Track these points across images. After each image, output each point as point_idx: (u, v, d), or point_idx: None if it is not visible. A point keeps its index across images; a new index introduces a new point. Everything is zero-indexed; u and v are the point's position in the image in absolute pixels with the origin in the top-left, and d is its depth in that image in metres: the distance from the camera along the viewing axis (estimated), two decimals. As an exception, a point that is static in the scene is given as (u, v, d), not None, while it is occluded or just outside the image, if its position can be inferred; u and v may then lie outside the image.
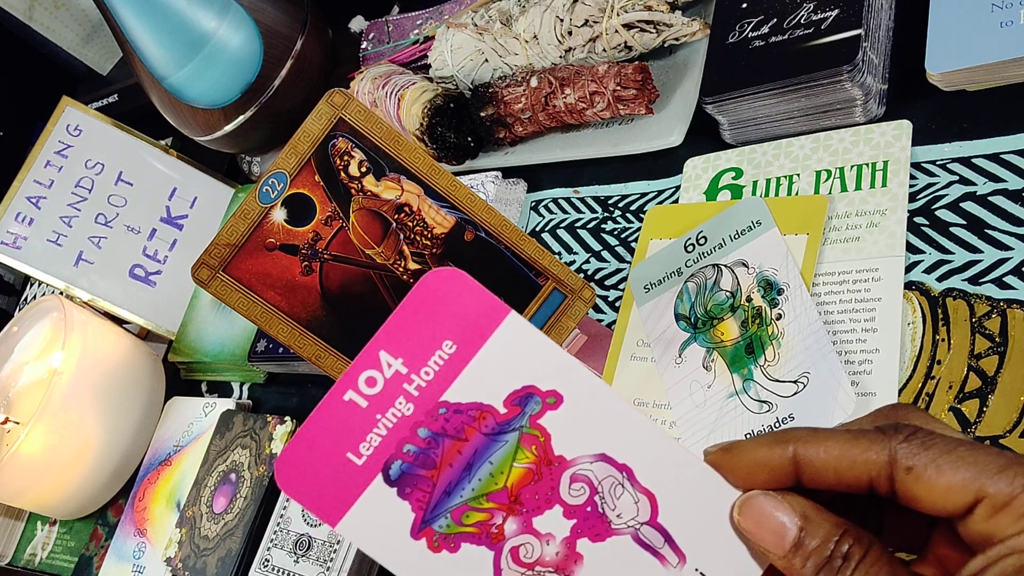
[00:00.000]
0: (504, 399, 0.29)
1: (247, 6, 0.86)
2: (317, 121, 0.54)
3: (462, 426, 0.28)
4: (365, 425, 0.28)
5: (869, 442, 0.26)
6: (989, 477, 0.25)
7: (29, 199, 0.93)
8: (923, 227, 0.52)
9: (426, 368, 0.29)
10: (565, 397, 0.29)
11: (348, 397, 0.28)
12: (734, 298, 0.56)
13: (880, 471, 0.26)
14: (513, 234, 0.58)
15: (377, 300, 0.56)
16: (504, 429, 0.29)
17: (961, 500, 0.25)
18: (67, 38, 1.27)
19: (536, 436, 0.29)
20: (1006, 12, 0.51)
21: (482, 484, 0.29)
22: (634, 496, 0.29)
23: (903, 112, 0.56)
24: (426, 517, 0.28)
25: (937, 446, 0.26)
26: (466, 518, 0.29)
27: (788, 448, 0.27)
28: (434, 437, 0.28)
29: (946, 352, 0.48)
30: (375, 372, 0.28)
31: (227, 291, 0.54)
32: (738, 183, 0.61)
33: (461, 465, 0.29)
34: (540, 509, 0.29)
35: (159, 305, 0.95)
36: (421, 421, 0.28)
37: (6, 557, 0.97)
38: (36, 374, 0.87)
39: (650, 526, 0.29)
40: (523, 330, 0.29)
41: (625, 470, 0.29)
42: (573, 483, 0.29)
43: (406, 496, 0.28)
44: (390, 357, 0.28)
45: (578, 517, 0.29)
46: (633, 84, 0.65)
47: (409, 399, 0.28)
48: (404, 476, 0.28)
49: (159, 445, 0.88)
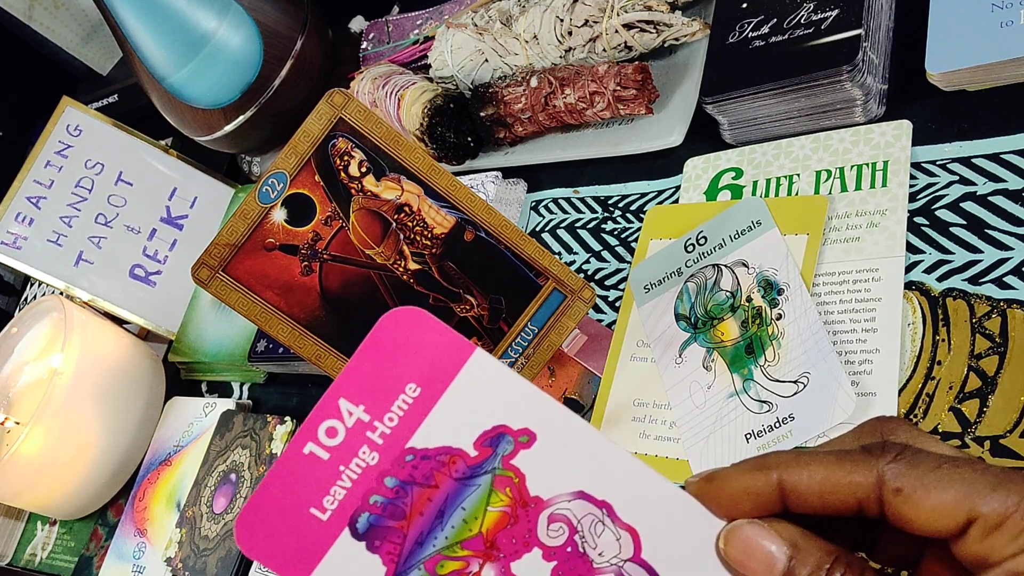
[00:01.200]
0: (474, 441, 0.27)
1: (247, 6, 0.86)
2: (317, 121, 0.54)
3: (431, 472, 0.27)
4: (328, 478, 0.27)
5: (855, 464, 0.26)
6: (982, 496, 0.24)
7: (29, 199, 0.93)
8: (923, 227, 0.52)
9: (389, 414, 0.27)
10: (538, 434, 0.28)
11: (308, 450, 0.27)
12: (734, 298, 0.56)
13: (868, 493, 0.25)
14: (513, 234, 0.58)
15: (377, 300, 0.56)
16: (476, 472, 0.27)
17: (954, 521, 0.24)
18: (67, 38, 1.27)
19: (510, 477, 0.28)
20: (1006, 12, 0.51)
21: (456, 531, 0.27)
22: (615, 533, 0.28)
23: (903, 112, 0.56)
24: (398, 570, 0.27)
25: (926, 464, 0.25)
26: (441, 568, 0.27)
27: (772, 474, 0.26)
28: (402, 486, 0.27)
29: (946, 352, 0.48)
30: (335, 422, 0.27)
31: (227, 291, 0.54)
32: (738, 183, 0.61)
33: (432, 513, 0.27)
34: (518, 553, 0.28)
35: (159, 305, 0.95)
36: (387, 470, 0.27)
37: (6, 557, 0.97)
38: (36, 374, 0.87)
39: (634, 563, 0.28)
40: (490, 367, 0.27)
41: (605, 506, 0.28)
42: (551, 524, 0.28)
43: (375, 549, 0.27)
44: (351, 405, 0.27)
45: (559, 559, 0.28)
46: (633, 84, 0.65)
47: (373, 447, 0.27)
48: (372, 529, 0.27)
49: (159, 445, 0.88)
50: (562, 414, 0.28)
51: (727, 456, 0.52)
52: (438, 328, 0.27)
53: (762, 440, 0.51)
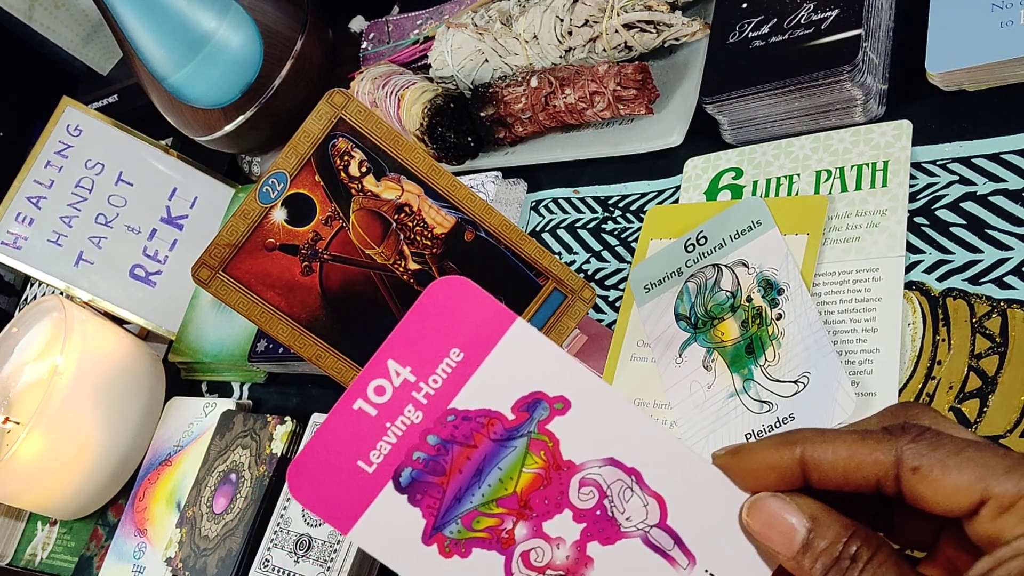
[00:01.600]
0: (512, 405, 0.29)
1: (247, 6, 0.86)
2: (317, 121, 0.54)
3: (471, 433, 0.29)
4: (375, 433, 0.29)
5: (876, 442, 0.26)
6: (995, 478, 0.25)
7: (29, 199, 0.93)
8: (923, 227, 0.52)
9: (434, 376, 0.29)
10: (573, 402, 0.29)
11: (358, 406, 0.29)
12: (734, 298, 0.56)
13: (887, 471, 0.26)
14: (513, 234, 0.58)
15: (377, 300, 0.56)
16: (513, 435, 0.29)
17: (967, 501, 0.25)
18: (67, 38, 1.27)
19: (545, 441, 0.29)
20: (1006, 12, 0.51)
21: (492, 490, 0.29)
22: (643, 499, 0.29)
23: (903, 112, 0.56)
24: (437, 523, 0.29)
25: (945, 447, 0.26)
26: (476, 523, 0.29)
27: (796, 449, 0.27)
28: (443, 444, 0.29)
29: (946, 352, 0.48)
30: (384, 381, 0.29)
31: (227, 291, 0.54)
32: (738, 183, 0.61)
33: (471, 471, 0.29)
34: (550, 513, 0.29)
35: (159, 305, 0.95)
36: (430, 428, 0.29)
37: (6, 557, 0.97)
38: (36, 374, 0.87)
39: (659, 528, 0.29)
40: (529, 336, 0.29)
41: (634, 473, 0.29)
42: (582, 487, 0.29)
43: (417, 503, 0.29)
44: (398, 366, 0.29)
45: (588, 521, 0.29)
46: (633, 84, 0.65)
47: (418, 407, 0.29)
48: (414, 483, 0.29)
49: (159, 445, 0.88)
50: (597, 384, 0.29)
51: (727, 456, 0.52)
52: (483, 297, 0.29)
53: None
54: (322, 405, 0.78)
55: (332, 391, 0.78)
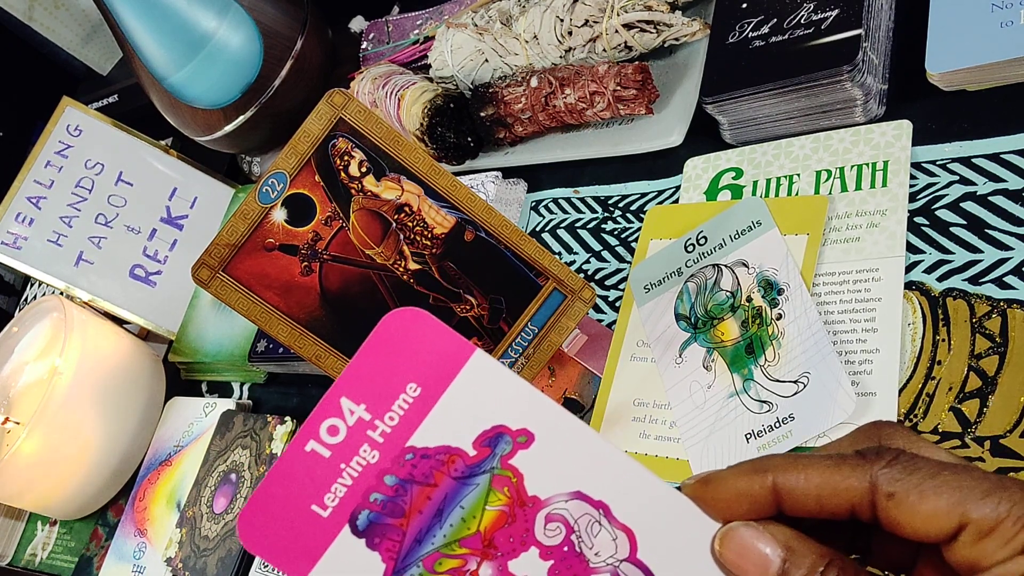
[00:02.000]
0: (473, 441, 0.28)
1: (247, 6, 0.86)
2: (317, 121, 0.54)
3: (430, 471, 0.28)
4: (329, 475, 0.27)
5: (850, 469, 0.26)
6: (973, 502, 0.24)
7: (29, 199, 0.93)
8: (923, 227, 0.52)
9: (390, 413, 0.28)
10: (536, 435, 0.28)
11: (310, 447, 0.27)
12: (734, 298, 0.56)
13: (862, 498, 0.25)
14: (513, 234, 0.58)
15: (377, 300, 0.56)
16: (475, 472, 0.28)
17: (945, 526, 0.24)
18: (67, 38, 1.27)
19: (508, 477, 0.28)
20: (1006, 12, 0.51)
21: (454, 530, 0.28)
22: (612, 533, 0.28)
23: (903, 112, 0.56)
24: (397, 567, 0.28)
25: (920, 471, 0.25)
26: (439, 565, 0.28)
27: (767, 477, 0.26)
28: (402, 484, 0.28)
29: (946, 352, 0.48)
30: (337, 420, 0.27)
31: (227, 291, 0.54)
32: (738, 183, 0.61)
33: (431, 511, 0.28)
34: (515, 552, 0.28)
35: (159, 305, 0.95)
36: (387, 468, 0.27)
37: (6, 557, 0.97)
38: (36, 374, 0.87)
39: (629, 563, 0.28)
40: (489, 368, 0.28)
41: (601, 507, 0.28)
42: (548, 523, 0.28)
43: (375, 546, 0.27)
44: (352, 404, 0.28)
45: (555, 558, 0.28)
46: (633, 84, 0.65)
47: (374, 446, 0.27)
48: (372, 526, 0.27)
49: (159, 445, 0.88)
50: (560, 415, 0.28)
51: (727, 456, 0.52)
52: (439, 329, 0.28)
53: (762, 440, 0.51)
54: (322, 405, 0.78)
55: (332, 391, 0.78)
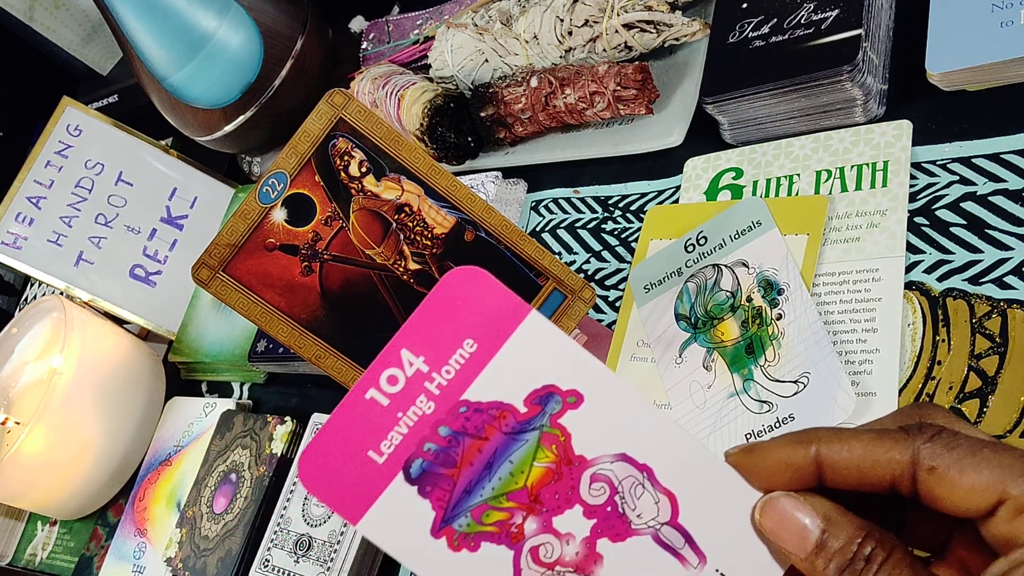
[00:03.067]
0: (524, 398, 0.29)
1: (247, 6, 0.86)
2: (317, 121, 0.54)
3: (483, 425, 0.28)
4: (386, 423, 0.28)
5: (893, 442, 0.26)
6: (1012, 479, 0.24)
7: (29, 199, 0.93)
8: (923, 227, 0.52)
9: (447, 367, 0.28)
10: (586, 397, 0.29)
11: (370, 395, 0.28)
12: (734, 298, 0.56)
13: (903, 471, 0.26)
14: (513, 234, 0.58)
15: (377, 300, 0.56)
16: (524, 428, 0.29)
17: (983, 501, 0.25)
18: (67, 38, 1.27)
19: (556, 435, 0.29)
20: (1006, 12, 0.51)
21: (502, 483, 0.29)
22: (654, 496, 0.29)
23: (903, 112, 0.56)
24: (446, 516, 0.28)
25: (961, 447, 0.25)
26: (486, 517, 0.29)
27: (811, 448, 0.27)
28: (455, 436, 0.28)
29: (946, 352, 0.48)
30: (397, 370, 0.28)
31: (227, 291, 0.54)
32: (738, 183, 0.61)
33: (481, 464, 0.28)
34: (560, 509, 0.29)
35: (159, 305, 0.95)
36: (442, 420, 0.28)
37: (6, 557, 0.97)
38: (36, 374, 0.87)
39: (670, 526, 0.29)
40: (544, 329, 0.29)
41: (645, 470, 0.29)
42: (593, 483, 0.29)
43: (426, 495, 0.28)
44: (411, 355, 0.28)
45: (598, 517, 0.29)
46: (633, 84, 0.65)
47: (430, 397, 0.28)
48: (425, 474, 0.28)
49: (159, 445, 0.88)
50: (610, 379, 0.29)
51: (727, 456, 0.52)
52: (498, 288, 0.29)
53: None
54: (322, 405, 0.78)
55: (332, 391, 0.78)
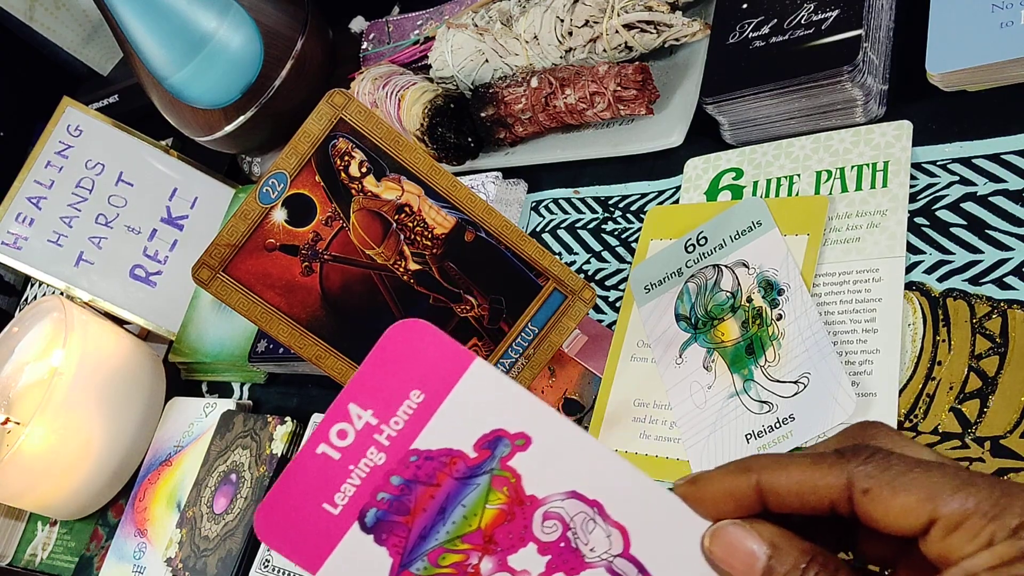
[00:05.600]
0: (474, 443, 0.29)
1: (247, 6, 0.86)
2: (317, 121, 0.54)
3: (434, 472, 0.29)
4: (339, 476, 0.29)
5: (828, 466, 0.27)
6: (942, 498, 0.25)
7: (30, 199, 0.93)
8: (923, 227, 0.52)
9: (395, 418, 0.29)
10: (533, 438, 0.29)
11: (321, 450, 0.29)
12: (734, 298, 0.56)
13: (840, 494, 0.27)
14: (513, 234, 0.58)
15: (377, 300, 0.56)
16: (475, 473, 0.29)
17: (916, 521, 0.25)
18: (68, 38, 1.27)
19: (507, 477, 0.30)
20: (1006, 13, 0.51)
21: (456, 527, 0.29)
22: (606, 530, 0.29)
23: (903, 112, 0.56)
24: (403, 561, 0.29)
25: (894, 468, 0.26)
26: (443, 560, 0.29)
27: (752, 476, 0.28)
28: (407, 484, 0.29)
29: (947, 353, 0.48)
30: (346, 425, 0.29)
31: (227, 291, 0.54)
32: (738, 183, 0.61)
33: (435, 509, 0.29)
34: (514, 547, 0.30)
35: (159, 305, 0.95)
36: (393, 469, 0.29)
37: (6, 557, 0.97)
38: (37, 374, 0.87)
39: (623, 558, 0.29)
40: (489, 375, 0.30)
41: (596, 505, 0.29)
42: (546, 520, 0.30)
43: (383, 542, 0.29)
44: (360, 409, 0.29)
45: (552, 553, 0.30)
46: (633, 84, 0.65)
47: (380, 449, 0.29)
48: (380, 523, 0.29)
49: (159, 445, 0.88)
50: (556, 420, 0.30)
51: (727, 457, 0.52)
52: (441, 339, 0.29)
53: (762, 440, 0.51)
54: (322, 405, 0.78)
55: (332, 391, 0.78)
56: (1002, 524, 0.24)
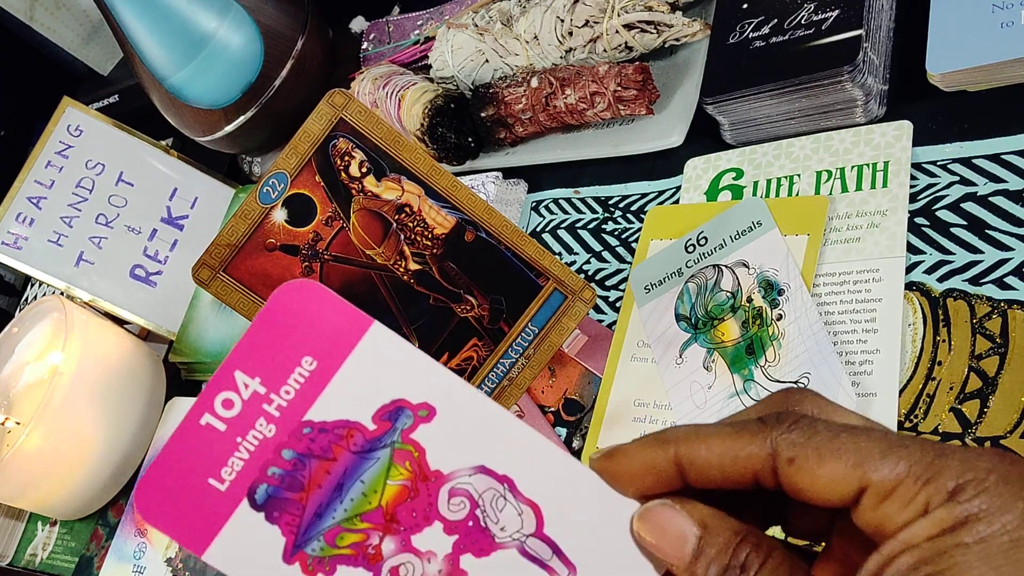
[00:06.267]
0: (373, 415, 0.28)
1: (248, 6, 0.86)
2: (318, 121, 0.54)
3: (329, 445, 0.27)
4: (225, 449, 0.27)
5: (751, 435, 0.25)
6: (871, 463, 0.23)
7: (30, 199, 0.93)
8: (924, 228, 0.52)
9: (286, 387, 0.27)
10: (438, 409, 0.28)
11: (205, 421, 0.27)
12: (735, 299, 0.56)
13: (763, 464, 0.25)
14: (514, 234, 0.58)
15: (378, 301, 0.56)
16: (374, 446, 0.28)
17: (845, 490, 0.24)
18: (68, 38, 1.27)
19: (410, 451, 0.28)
20: (1007, 13, 0.51)
21: (355, 504, 0.28)
22: (517, 508, 0.28)
23: (904, 113, 0.56)
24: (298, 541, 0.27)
25: (819, 434, 0.24)
26: (340, 540, 0.27)
27: (670, 449, 0.26)
28: (300, 458, 0.27)
29: (947, 353, 0.48)
30: (231, 394, 0.27)
31: (227, 291, 0.54)
32: (739, 183, 0.61)
33: (331, 486, 0.27)
34: (419, 527, 0.28)
35: (160, 305, 0.95)
36: (285, 442, 0.27)
37: (6, 557, 0.97)
38: (37, 374, 0.87)
39: (536, 538, 0.28)
40: (388, 341, 0.28)
41: (506, 481, 0.28)
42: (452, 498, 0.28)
43: (275, 520, 0.27)
44: (246, 377, 0.27)
45: (460, 532, 0.28)
46: (634, 84, 0.65)
47: (271, 420, 0.27)
48: (271, 500, 0.27)
49: (160, 445, 0.88)
50: (464, 388, 0.28)
51: (727, 456, 0.52)
52: (334, 301, 0.27)
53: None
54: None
55: (332, 391, 0.78)
56: (937, 487, 0.22)
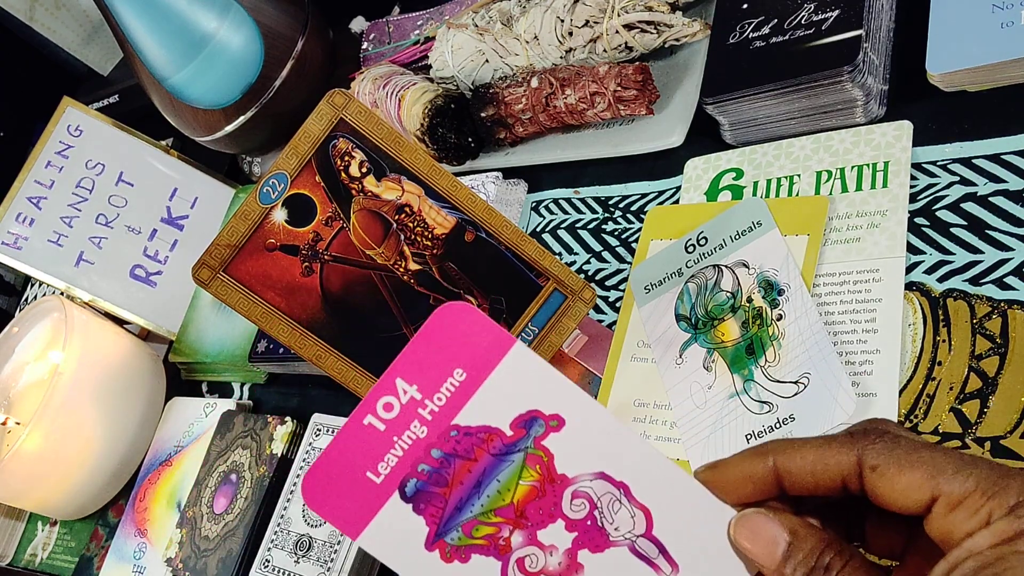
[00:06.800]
0: (511, 422, 0.31)
1: (248, 7, 0.86)
2: (318, 122, 0.54)
3: (472, 447, 0.31)
4: (383, 446, 0.31)
5: (840, 445, 0.29)
6: (944, 476, 0.27)
7: (30, 199, 0.93)
8: (924, 228, 0.52)
9: (439, 394, 0.31)
10: (567, 420, 0.31)
11: (367, 421, 0.31)
12: (735, 299, 0.56)
13: (850, 470, 0.29)
14: (514, 235, 0.58)
15: (378, 301, 0.56)
16: (511, 450, 0.31)
17: (920, 497, 0.27)
18: (68, 39, 1.27)
19: (540, 456, 0.31)
20: (1007, 13, 0.51)
21: (490, 500, 0.31)
22: (630, 511, 0.31)
23: (904, 113, 0.56)
24: (439, 530, 0.31)
25: (901, 447, 0.28)
26: (476, 531, 0.31)
27: (769, 459, 0.30)
28: (446, 457, 0.31)
29: (947, 353, 0.48)
30: (392, 398, 0.31)
31: (227, 292, 0.54)
32: (739, 184, 0.61)
33: (471, 483, 0.31)
34: (544, 523, 0.31)
35: (160, 305, 0.95)
36: (434, 443, 0.31)
37: (7, 557, 0.97)
38: (37, 374, 0.87)
39: (645, 538, 0.31)
40: (527, 358, 0.31)
41: (622, 487, 0.31)
42: (574, 499, 0.31)
43: (420, 511, 0.31)
44: (406, 384, 0.31)
45: (579, 530, 0.31)
46: (634, 85, 0.65)
47: (423, 423, 0.31)
48: (419, 493, 0.31)
49: (160, 445, 0.88)
50: (590, 403, 0.32)
51: (727, 457, 0.52)
52: (485, 322, 0.31)
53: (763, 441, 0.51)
54: (322, 406, 0.78)
55: (332, 392, 0.78)
56: (1000, 502, 0.26)
